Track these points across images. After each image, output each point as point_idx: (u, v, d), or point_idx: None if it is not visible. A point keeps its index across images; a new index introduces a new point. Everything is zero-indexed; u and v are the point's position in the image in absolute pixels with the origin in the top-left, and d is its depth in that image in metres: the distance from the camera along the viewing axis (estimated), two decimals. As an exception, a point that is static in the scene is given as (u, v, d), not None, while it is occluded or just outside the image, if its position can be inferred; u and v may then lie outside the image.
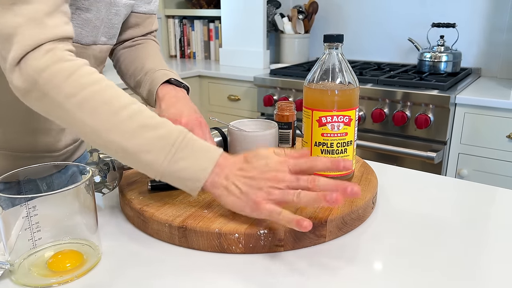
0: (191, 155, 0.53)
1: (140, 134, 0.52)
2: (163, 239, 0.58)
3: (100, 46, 0.74)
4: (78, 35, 0.68)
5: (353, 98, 0.63)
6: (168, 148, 0.52)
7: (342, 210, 0.59)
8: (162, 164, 0.53)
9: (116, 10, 0.73)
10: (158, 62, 0.79)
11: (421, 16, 2.11)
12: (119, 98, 0.53)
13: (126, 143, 0.52)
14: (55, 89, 0.51)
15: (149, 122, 0.53)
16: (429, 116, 1.60)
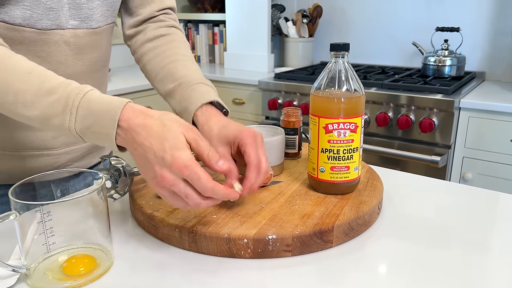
0: (93, 112, 0.53)
1: (37, 104, 0.54)
2: (173, 244, 0.59)
3: (71, 31, 0.69)
4: (29, 19, 0.64)
5: (359, 106, 0.64)
6: (69, 111, 0.53)
7: (348, 216, 0.60)
8: (72, 127, 0.54)
9: None
10: (191, 69, 0.75)
11: (425, 20, 2.12)
12: (10, 85, 0.54)
13: (31, 113, 0.54)
14: None
15: (42, 88, 0.54)
16: (434, 120, 1.61)
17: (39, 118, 0.55)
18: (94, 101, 0.54)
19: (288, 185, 0.71)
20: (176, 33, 0.82)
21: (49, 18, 0.66)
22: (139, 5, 0.80)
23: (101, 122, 0.53)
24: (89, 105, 0.53)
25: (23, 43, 0.66)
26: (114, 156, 0.64)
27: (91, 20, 0.72)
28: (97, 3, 0.72)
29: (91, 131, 0.53)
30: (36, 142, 0.74)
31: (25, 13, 0.64)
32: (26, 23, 0.65)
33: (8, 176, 0.74)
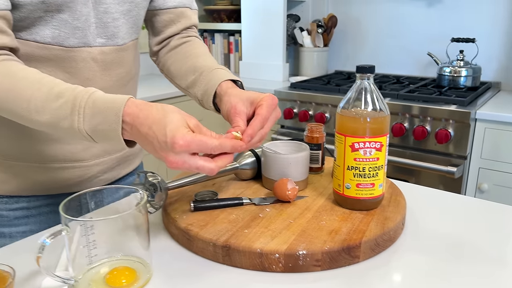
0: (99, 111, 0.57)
1: (47, 108, 0.58)
2: (207, 257, 0.62)
3: (98, 48, 0.73)
4: (57, 37, 0.69)
5: (384, 125, 0.66)
6: (77, 112, 0.57)
7: (374, 232, 0.63)
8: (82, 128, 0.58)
9: (104, 8, 0.72)
10: (210, 61, 0.78)
11: (440, 31, 2.13)
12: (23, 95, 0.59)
13: (42, 118, 0.59)
14: None
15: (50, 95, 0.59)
16: (449, 131, 1.62)
17: (50, 122, 0.59)
18: (99, 100, 0.58)
19: (313, 200, 0.74)
20: (196, 40, 0.87)
21: (75, 36, 0.70)
22: (165, 25, 0.84)
23: (107, 119, 0.56)
24: (94, 104, 0.57)
25: (52, 60, 0.70)
26: (151, 172, 0.68)
27: (117, 37, 0.76)
28: (122, 21, 0.76)
29: (99, 129, 0.57)
30: (67, 154, 0.78)
31: (53, 32, 0.69)
32: (54, 42, 0.69)
33: (40, 188, 0.78)
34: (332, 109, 1.92)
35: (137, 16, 0.78)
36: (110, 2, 0.72)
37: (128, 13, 0.76)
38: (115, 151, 0.84)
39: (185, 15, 0.84)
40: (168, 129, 0.54)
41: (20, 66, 0.63)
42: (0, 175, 0.75)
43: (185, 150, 0.54)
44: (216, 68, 0.76)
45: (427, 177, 1.71)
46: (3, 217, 0.77)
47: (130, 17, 0.77)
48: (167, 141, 0.54)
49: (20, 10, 0.64)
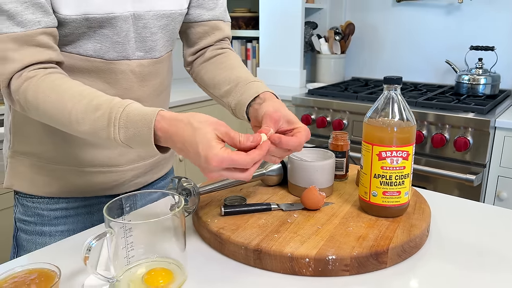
0: (132, 125, 0.61)
1: (87, 119, 0.63)
2: (239, 260, 0.65)
3: (137, 62, 0.77)
4: (99, 51, 0.73)
5: (411, 135, 0.68)
6: (112, 124, 0.61)
7: (401, 239, 0.64)
8: (118, 138, 0.62)
9: (143, 24, 0.75)
10: (245, 72, 0.81)
11: (459, 39, 2.13)
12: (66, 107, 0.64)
13: (83, 129, 0.63)
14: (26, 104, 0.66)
15: (89, 107, 0.63)
16: (468, 139, 1.62)
17: (89, 132, 0.63)
18: (132, 113, 0.61)
19: (339, 207, 0.76)
20: (230, 52, 0.89)
21: (116, 50, 0.75)
22: (199, 37, 0.87)
23: (140, 132, 0.60)
24: (127, 117, 0.61)
25: (94, 72, 0.74)
26: (184, 178, 0.71)
27: (154, 51, 0.80)
28: (160, 35, 0.79)
29: (134, 140, 0.61)
30: (104, 159, 0.81)
31: (95, 46, 0.73)
32: (96, 55, 0.74)
33: (78, 190, 0.82)
34: (350, 116, 1.93)
35: (173, 30, 0.82)
36: (149, 18, 0.76)
37: (165, 28, 0.79)
38: (149, 156, 0.87)
39: (219, 27, 0.87)
40: (200, 148, 0.57)
41: (65, 79, 0.67)
42: (43, 178, 0.79)
43: (219, 169, 0.58)
44: (252, 81, 0.78)
45: (445, 184, 1.72)
46: (44, 217, 0.81)
47: (167, 31, 0.80)
48: (201, 160, 0.58)
49: (66, 27, 0.69)
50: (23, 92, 0.65)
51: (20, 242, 0.83)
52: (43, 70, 0.66)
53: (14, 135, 0.80)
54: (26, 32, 0.64)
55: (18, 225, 0.84)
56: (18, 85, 0.65)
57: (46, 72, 0.66)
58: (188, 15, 0.86)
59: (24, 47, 0.64)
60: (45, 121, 0.67)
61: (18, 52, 0.64)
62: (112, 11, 0.71)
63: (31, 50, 0.65)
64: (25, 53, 0.64)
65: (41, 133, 0.78)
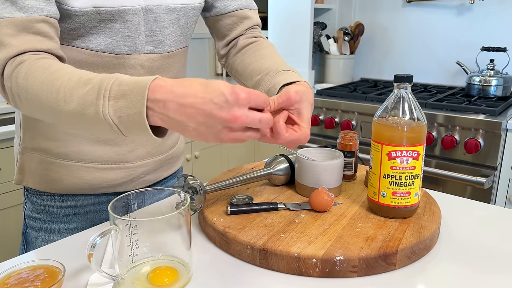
0: (124, 92, 0.54)
1: (74, 95, 0.57)
2: (245, 259, 0.64)
3: (146, 56, 0.76)
4: (109, 45, 0.72)
5: (422, 135, 0.67)
6: (102, 95, 0.55)
7: (410, 240, 0.63)
8: (107, 112, 0.55)
9: (154, 17, 0.74)
10: (277, 61, 0.79)
11: (469, 40, 2.11)
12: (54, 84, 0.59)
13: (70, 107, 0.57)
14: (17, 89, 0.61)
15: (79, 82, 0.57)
16: (479, 141, 1.60)
17: (76, 111, 0.57)
18: (125, 81, 0.55)
19: (348, 207, 0.74)
20: (262, 40, 0.88)
21: (126, 44, 0.74)
22: (229, 29, 0.87)
23: (132, 100, 0.53)
24: (120, 86, 0.55)
25: (103, 67, 0.73)
26: (191, 176, 0.70)
27: (164, 45, 0.79)
28: (171, 29, 0.78)
29: (124, 114, 0.54)
30: (113, 155, 0.81)
31: (106, 41, 0.72)
32: (106, 49, 0.73)
33: (88, 187, 0.81)
34: (358, 117, 1.91)
35: (186, 24, 0.81)
36: (160, 12, 0.75)
37: (177, 22, 0.79)
38: (159, 153, 0.87)
39: (247, 16, 0.87)
40: (223, 87, 0.52)
41: (57, 62, 0.63)
42: (52, 174, 0.79)
43: (247, 103, 0.53)
44: (282, 70, 0.75)
45: (455, 187, 1.69)
46: (54, 214, 0.81)
47: (179, 25, 0.79)
48: (227, 98, 0.52)
49: (75, 20, 0.68)
50: (15, 76, 0.61)
51: (29, 239, 0.83)
52: (36, 55, 0.63)
53: (24, 131, 0.80)
54: (27, 17, 0.62)
55: (27, 222, 0.83)
56: (10, 71, 0.62)
57: (39, 57, 0.63)
58: (215, 8, 0.85)
59: (23, 34, 0.62)
60: (33, 106, 0.61)
61: (15, 38, 0.62)
62: (123, 4, 0.70)
63: (30, 37, 0.63)
64: (23, 39, 0.62)
65: (51, 129, 0.77)
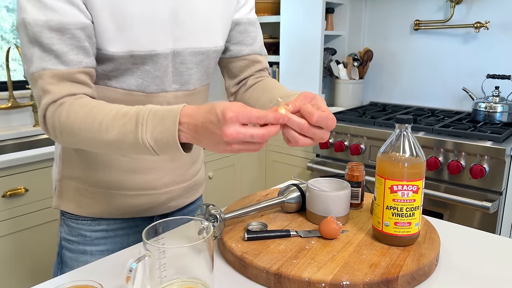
0: (160, 120, 0.65)
1: (115, 125, 0.67)
2: (260, 283, 0.71)
3: (172, 93, 0.85)
4: (140, 85, 0.81)
5: (421, 170, 0.74)
6: (140, 124, 0.66)
7: (411, 267, 0.70)
8: (144, 137, 0.66)
9: (181, 60, 0.84)
10: (286, 90, 0.87)
11: (475, 67, 2.18)
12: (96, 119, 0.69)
13: (111, 136, 0.68)
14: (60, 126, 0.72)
15: (118, 115, 0.68)
16: (484, 167, 1.65)
17: (117, 139, 0.68)
18: (159, 111, 0.67)
19: (354, 235, 0.81)
20: (269, 78, 0.97)
21: (155, 84, 0.83)
22: (241, 70, 0.96)
23: (166, 126, 0.65)
24: (155, 115, 0.66)
25: (134, 104, 0.82)
26: (212, 205, 0.78)
27: (189, 83, 0.88)
28: (195, 70, 0.88)
29: (159, 138, 0.66)
30: (141, 183, 0.89)
31: (137, 81, 0.81)
32: (138, 89, 0.82)
33: (118, 212, 0.90)
34: (367, 141, 1.98)
35: (208, 65, 0.90)
36: (186, 55, 0.84)
37: (200, 63, 0.88)
38: (182, 181, 0.95)
39: (258, 60, 0.96)
40: (218, 109, 0.62)
41: (95, 100, 0.73)
42: (86, 200, 0.88)
43: (235, 121, 0.61)
44: (292, 94, 0.82)
45: (462, 211, 1.74)
46: (87, 237, 0.90)
47: (202, 66, 0.88)
48: (219, 117, 0.61)
49: (113, 62, 0.77)
50: (58, 115, 0.71)
51: (64, 259, 0.91)
52: (73, 95, 0.73)
53: (63, 161, 0.89)
54: (68, 70, 0.72)
55: (63, 243, 0.92)
56: (52, 111, 0.72)
57: (77, 97, 0.73)
58: (230, 51, 0.94)
59: (64, 82, 0.72)
60: (77, 138, 0.71)
61: (57, 86, 0.71)
62: (154, 48, 0.79)
63: (69, 84, 0.73)
64: (63, 86, 0.72)
65: (86, 160, 0.86)
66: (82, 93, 0.74)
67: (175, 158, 0.91)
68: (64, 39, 0.71)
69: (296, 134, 0.67)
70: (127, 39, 0.76)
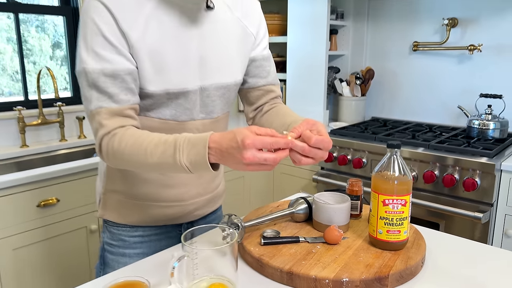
0: (193, 146, 0.81)
1: (157, 151, 0.84)
2: (275, 280, 0.86)
3: (200, 121, 1.01)
4: (174, 115, 0.98)
5: (408, 187, 0.89)
6: (178, 149, 0.82)
7: (399, 267, 0.84)
8: (182, 160, 0.82)
9: (207, 94, 0.99)
10: (296, 116, 1.00)
11: (470, 86, 2.33)
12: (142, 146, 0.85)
13: (154, 160, 0.84)
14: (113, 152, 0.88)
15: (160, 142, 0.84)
16: (476, 180, 1.79)
17: (159, 162, 0.84)
18: (192, 138, 0.83)
19: (353, 241, 0.96)
20: (281, 104, 1.13)
21: (186, 114, 0.99)
22: (257, 98, 1.13)
23: (198, 150, 0.80)
24: (189, 142, 0.82)
25: (168, 131, 0.99)
26: (234, 215, 0.93)
27: (213, 113, 1.04)
28: (218, 101, 1.04)
29: (193, 160, 0.81)
30: (172, 196, 1.06)
31: (171, 112, 0.98)
32: (172, 118, 0.98)
33: (152, 220, 1.06)
34: (368, 155, 2.13)
35: (229, 97, 1.07)
36: (211, 90, 1.01)
37: (223, 96, 1.04)
38: (206, 193, 1.11)
39: (272, 89, 1.13)
40: (239, 137, 0.77)
41: (139, 130, 0.91)
42: (126, 210, 1.04)
43: (252, 147, 0.75)
44: (299, 119, 0.97)
45: (456, 221, 1.88)
46: (126, 241, 1.05)
47: (224, 98, 1.05)
48: (239, 144, 0.76)
49: (152, 98, 0.94)
50: (111, 144, 0.88)
51: (106, 260, 1.07)
52: (124, 129, 0.90)
53: (107, 177, 1.05)
54: (119, 107, 0.89)
55: (105, 247, 1.08)
56: (106, 141, 0.89)
57: (126, 128, 0.90)
58: (247, 83, 1.11)
59: (115, 117, 0.89)
60: (126, 161, 0.88)
61: (110, 120, 0.88)
62: (185, 86, 0.96)
63: (120, 119, 0.89)
64: (115, 121, 0.89)
65: (127, 176, 1.02)
66: (130, 124, 0.90)
67: (201, 174, 1.07)
68: (116, 83, 0.87)
69: (299, 156, 0.83)
70: (164, 80, 0.92)
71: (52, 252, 1.77)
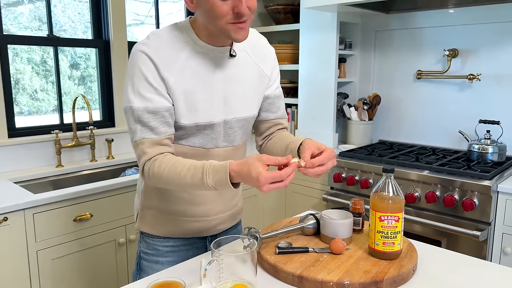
0: (216, 172, 1.00)
1: (189, 174, 1.02)
2: (288, 283, 1.02)
3: (223, 148, 1.20)
4: (201, 143, 1.16)
5: (401, 205, 1.06)
6: (204, 174, 1.01)
7: (393, 273, 1.00)
8: (208, 182, 1.00)
9: (229, 125, 1.18)
10: (294, 138, 1.19)
11: (470, 112, 2.49)
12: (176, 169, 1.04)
13: (187, 181, 1.03)
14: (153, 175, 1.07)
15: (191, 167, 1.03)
16: (474, 201, 1.94)
17: (190, 182, 1.03)
18: (216, 165, 1.01)
19: (355, 251, 1.12)
20: (284, 131, 1.32)
21: (212, 143, 1.18)
22: (266, 129, 1.31)
23: (221, 176, 0.99)
24: (213, 168, 1.01)
25: (197, 156, 1.17)
26: (253, 228, 1.10)
27: (234, 141, 1.23)
28: (238, 132, 1.23)
29: (218, 183, 1.00)
30: (199, 212, 1.23)
31: (200, 141, 1.16)
32: (200, 146, 1.17)
33: (181, 232, 1.24)
34: (375, 176, 2.29)
35: (248, 127, 1.26)
36: (233, 122, 1.19)
37: (242, 127, 1.23)
38: (228, 209, 1.29)
39: (280, 123, 1.32)
40: (253, 175, 0.95)
41: (175, 156, 1.09)
42: (160, 224, 1.22)
43: (265, 182, 0.94)
44: (296, 139, 1.17)
45: (456, 239, 2.01)
46: (159, 250, 1.23)
47: (243, 129, 1.24)
48: (254, 180, 0.95)
49: (183, 130, 1.13)
50: (152, 168, 1.07)
51: (142, 267, 1.25)
52: (162, 155, 1.09)
53: (144, 195, 1.24)
54: (158, 138, 1.08)
55: (141, 255, 1.26)
56: (148, 166, 1.08)
57: (164, 155, 1.09)
58: (260, 116, 1.30)
59: (155, 146, 1.08)
60: (164, 182, 1.07)
61: (151, 149, 1.08)
62: (212, 120, 1.15)
63: (159, 147, 1.09)
64: (155, 149, 1.08)
65: (161, 194, 1.21)
66: (167, 152, 1.09)
67: (223, 193, 1.25)
68: (156, 118, 1.07)
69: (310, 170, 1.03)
70: (194, 115, 1.12)
71: (85, 262, 1.95)
